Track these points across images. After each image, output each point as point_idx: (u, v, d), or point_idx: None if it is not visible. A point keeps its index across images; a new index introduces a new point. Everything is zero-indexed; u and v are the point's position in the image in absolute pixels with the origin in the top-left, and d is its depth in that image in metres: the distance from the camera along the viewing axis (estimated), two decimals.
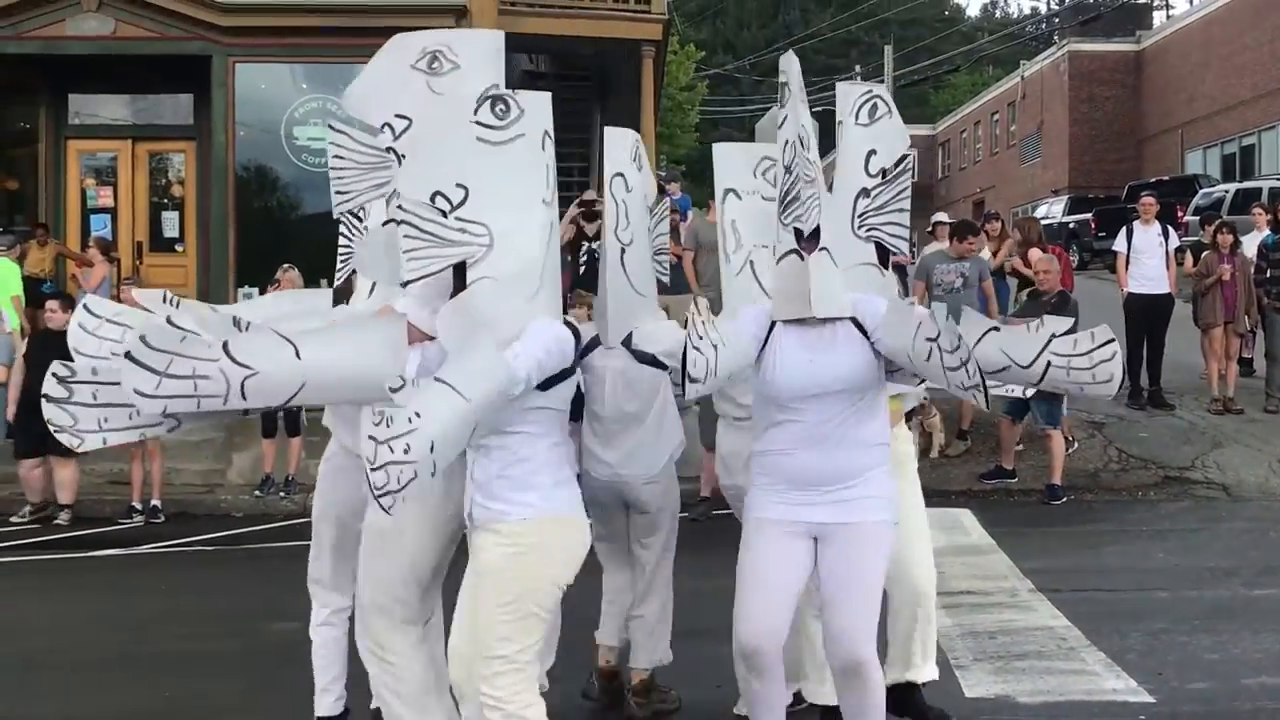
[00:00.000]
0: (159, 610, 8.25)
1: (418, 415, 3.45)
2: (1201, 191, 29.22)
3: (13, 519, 11.70)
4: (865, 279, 4.67)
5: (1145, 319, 13.83)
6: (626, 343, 5.05)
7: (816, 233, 4.24)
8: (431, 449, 3.48)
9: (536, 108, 4.01)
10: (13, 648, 7.40)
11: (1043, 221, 20.11)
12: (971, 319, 4.43)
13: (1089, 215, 31.01)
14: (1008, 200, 46.96)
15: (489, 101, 3.93)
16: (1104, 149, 45.23)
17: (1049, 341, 4.21)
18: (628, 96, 19.09)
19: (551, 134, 4.07)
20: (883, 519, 4.35)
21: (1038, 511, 11.24)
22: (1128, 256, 14.08)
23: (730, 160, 5.16)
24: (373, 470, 3.39)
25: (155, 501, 11.79)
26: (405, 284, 4.00)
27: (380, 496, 3.42)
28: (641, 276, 4.96)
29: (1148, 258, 13.96)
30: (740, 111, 53.60)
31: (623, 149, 4.98)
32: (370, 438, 3.39)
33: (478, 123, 3.92)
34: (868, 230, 4.63)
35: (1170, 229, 14.40)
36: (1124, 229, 14.44)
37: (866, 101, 4.66)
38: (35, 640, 7.58)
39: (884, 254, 4.70)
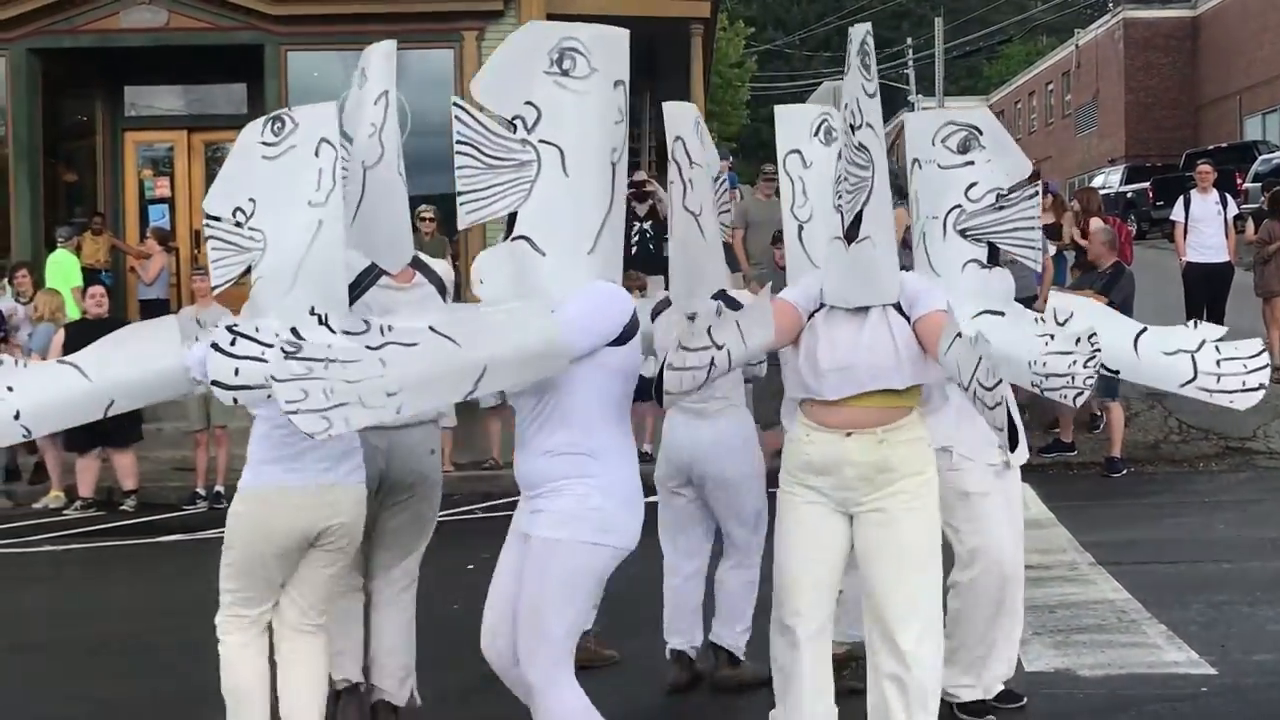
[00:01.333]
0: None
1: None
2: (1261, 158, 28.81)
3: (65, 511, 11.93)
4: (834, 255, 4.38)
5: (1205, 288, 13.68)
6: None
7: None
8: None
9: (312, 119, 4.38)
10: (81, 632, 7.53)
11: (1100, 192, 19.92)
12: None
13: (1146, 184, 30.66)
14: (1064, 171, 46.51)
15: (269, 122, 4.42)
16: (1161, 117, 44.66)
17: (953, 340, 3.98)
18: (677, 74, 19.05)
19: (332, 140, 4.33)
20: (551, 536, 3.92)
21: (1097, 484, 11.17)
22: (1185, 226, 13.92)
23: (914, 129, 4.88)
24: None
25: (219, 487, 11.95)
26: (214, 289, 4.48)
27: None
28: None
29: (1206, 226, 13.80)
30: (791, 87, 53.30)
31: (800, 126, 4.99)
32: None
33: (261, 142, 4.40)
34: (838, 199, 4.33)
35: (1228, 197, 14.24)
36: (1181, 198, 14.29)
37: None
38: (103, 624, 7.72)
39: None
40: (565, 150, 3.93)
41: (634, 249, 14.53)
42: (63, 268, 14.77)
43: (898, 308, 4.30)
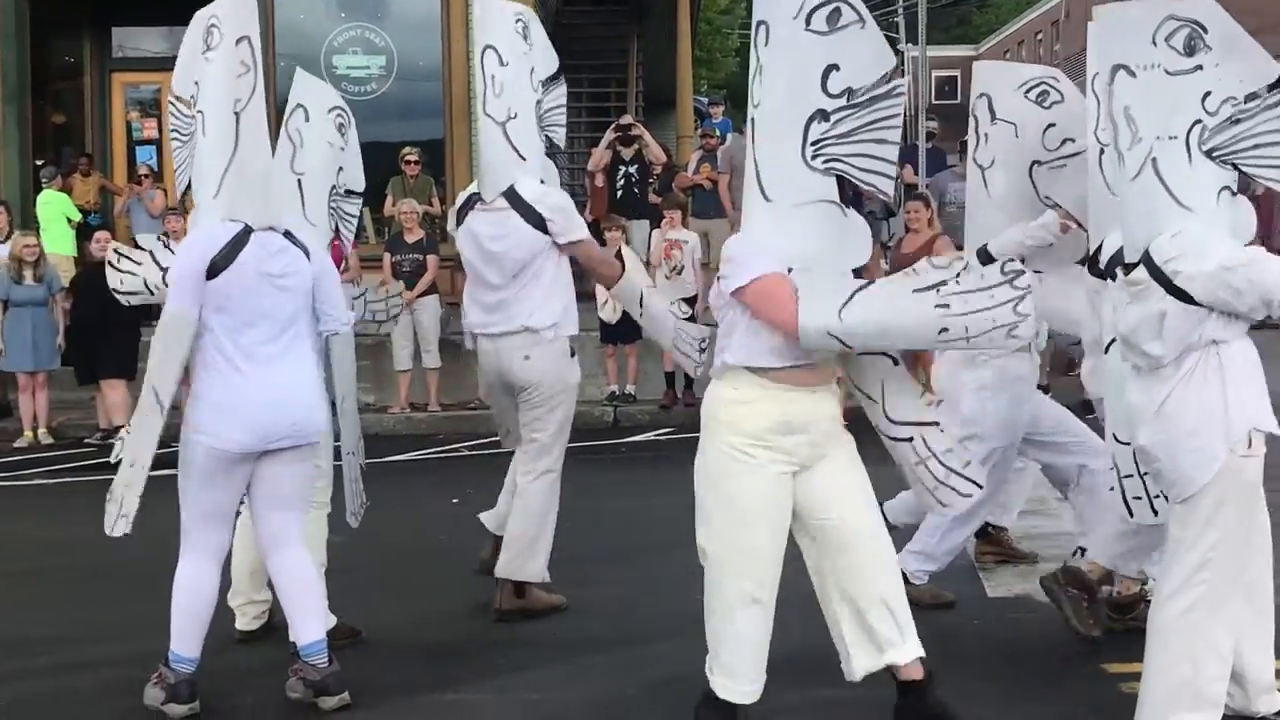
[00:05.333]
0: None
1: None
2: None
3: (86, 440, 12.08)
4: (816, 218, 4.04)
5: None
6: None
7: None
8: None
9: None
10: (74, 560, 7.75)
11: None
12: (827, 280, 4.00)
13: None
14: None
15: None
16: None
17: (939, 284, 3.77)
18: (665, 20, 19.08)
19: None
20: None
21: None
22: None
23: (1119, 26, 3.99)
24: None
25: None
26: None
27: None
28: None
29: None
30: None
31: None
32: None
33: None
34: (826, 161, 3.99)
35: None
36: None
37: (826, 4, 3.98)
38: (95, 555, 7.83)
39: (844, 190, 4.11)
40: (205, 113, 4.76)
41: (619, 193, 14.65)
42: (55, 206, 14.74)
43: None
